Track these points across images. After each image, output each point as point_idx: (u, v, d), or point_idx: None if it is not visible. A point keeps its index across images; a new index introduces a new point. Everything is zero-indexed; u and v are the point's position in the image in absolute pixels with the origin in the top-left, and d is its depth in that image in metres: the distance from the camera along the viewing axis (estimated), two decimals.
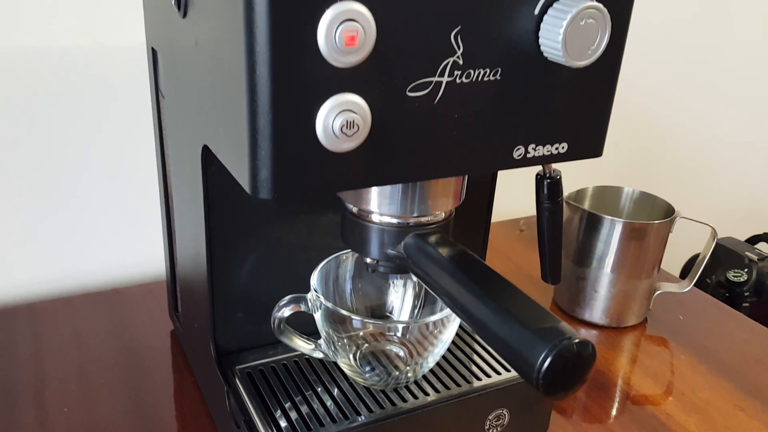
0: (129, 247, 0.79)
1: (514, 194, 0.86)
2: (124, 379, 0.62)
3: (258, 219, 0.52)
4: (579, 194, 0.78)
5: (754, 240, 1.11)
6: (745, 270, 0.99)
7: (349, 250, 0.55)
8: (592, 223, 0.72)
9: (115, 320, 0.71)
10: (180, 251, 0.60)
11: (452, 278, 0.42)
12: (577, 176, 0.79)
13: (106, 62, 0.72)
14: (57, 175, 0.74)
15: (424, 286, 0.45)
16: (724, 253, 1.02)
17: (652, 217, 0.77)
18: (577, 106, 0.43)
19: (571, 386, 0.36)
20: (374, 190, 0.45)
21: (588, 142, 0.45)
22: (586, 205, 0.79)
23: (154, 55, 0.58)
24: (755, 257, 1.00)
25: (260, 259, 0.54)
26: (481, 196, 0.63)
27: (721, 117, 1.21)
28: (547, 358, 0.35)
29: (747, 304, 0.97)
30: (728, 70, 1.17)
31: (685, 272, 1.08)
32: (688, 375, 0.68)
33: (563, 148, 0.44)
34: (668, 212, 0.75)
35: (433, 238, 0.46)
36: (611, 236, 0.72)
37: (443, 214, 0.47)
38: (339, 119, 0.35)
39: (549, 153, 0.44)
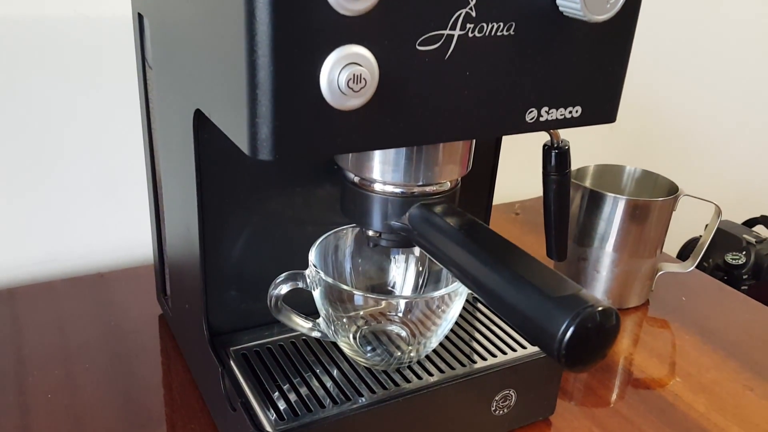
0: (114, 229, 0.76)
1: (509, 178, 0.84)
2: (110, 364, 0.59)
3: (252, 191, 0.50)
4: (579, 173, 0.76)
5: (751, 223, 1.10)
6: (743, 253, 0.98)
7: (349, 225, 0.53)
8: (594, 201, 0.70)
9: (99, 304, 0.68)
10: (169, 228, 0.57)
11: (462, 248, 0.40)
12: (573, 157, 0.77)
13: (88, 33, 0.68)
14: (36, 152, 0.70)
15: (430, 258, 0.43)
16: (722, 236, 1.01)
17: (655, 196, 0.75)
18: (592, 67, 0.41)
19: (595, 357, 0.34)
20: (377, 157, 0.42)
21: (602, 107, 0.43)
22: (588, 184, 0.77)
23: (140, 21, 0.54)
24: (753, 240, 0.99)
25: (255, 233, 0.51)
26: (483, 178, 0.60)
27: (716, 100, 1.20)
28: (570, 327, 0.32)
29: (745, 287, 0.96)
30: (722, 52, 1.16)
31: (682, 255, 1.07)
32: (694, 355, 0.67)
33: (577, 112, 0.42)
34: (671, 191, 0.73)
35: (439, 208, 0.43)
36: (614, 214, 0.70)
37: (449, 183, 0.45)
38: (345, 73, 0.33)
39: (562, 117, 0.42)
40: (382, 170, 0.43)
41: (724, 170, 1.24)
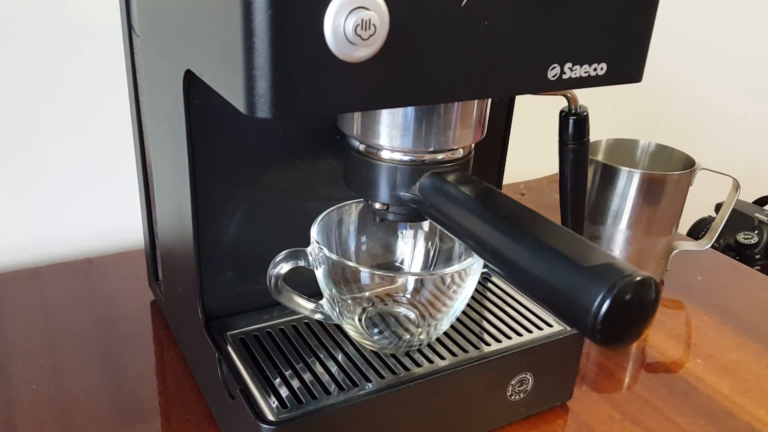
0: (102, 211, 0.73)
1: (514, 158, 0.81)
2: (100, 352, 0.56)
3: (249, 163, 0.46)
4: (591, 147, 0.73)
5: (762, 201, 1.07)
6: (756, 232, 0.95)
7: (352, 200, 0.50)
8: (607, 176, 0.67)
9: (87, 291, 0.64)
10: (160, 207, 0.53)
11: (480, 218, 0.36)
12: None
13: (73, 4, 0.64)
14: (16, 129, 0.66)
15: (444, 231, 0.40)
16: (733, 215, 0.98)
17: (670, 171, 0.71)
18: (618, 21, 0.37)
19: (634, 332, 0.30)
20: (384, 121, 0.39)
21: (628, 65, 0.40)
22: (600, 159, 0.73)
23: None
24: (765, 219, 0.96)
25: (252, 209, 0.48)
26: (492, 155, 0.57)
27: (722, 78, 1.16)
28: (606, 300, 0.29)
29: (758, 267, 0.93)
30: (736, 26, 1.12)
31: (692, 235, 1.04)
32: (714, 336, 0.64)
33: (602, 69, 0.39)
34: (687, 165, 0.70)
35: (452, 177, 0.40)
36: (628, 189, 0.66)
37: (462, 151, 0.42)
38: (352, 18, 0.29)
39: (587, 74, 0.38)
40: (390, 135, 0.39)
41: (732, 149, 1.20)
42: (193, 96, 0.41)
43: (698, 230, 1.02)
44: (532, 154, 0.93)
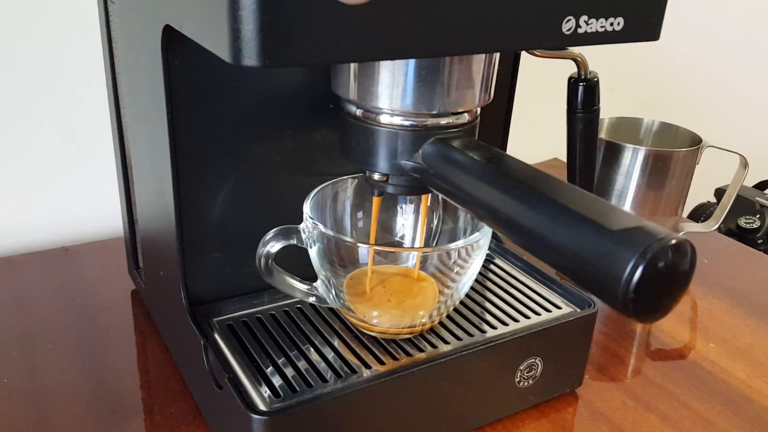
0: (80, 197, 0.68)
1: (514, 142, 0.78)
2: (77, 344, 0.52)
3: (235, 132, 0.42)
4: None
5: (762, 185, 1.05)
6: (757, 216, 0.92)
7: (349, 175, 0.46)
8: (611, 154, 0.64)
9: (64, 280, 0.60)
10: (139, 186, 0.49)
11: (492, 185, 0.33)
12: None
13: None
14: None
15: (450, 202, 0.36)
16: (734, 200, 0.95)
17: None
18: None
19: (669, 303, 0.27)
20: (383, 80, 0.35)
21: (646, 21, 0.37)
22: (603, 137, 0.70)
23: None
24: (767, 203, 0.93)
25: (239, 184, 0.44)
26: (495, 132, 0.54)
27: (721, 59, 1.14)
28: (639, 266, 0.26)
29: (760, 252, 0.90)
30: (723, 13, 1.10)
31: (693, 218, 1.01)
32: (725, 319, 0.61)
33: (619, 24, 0.36)
34: (693, 143, 0.67)
35: (458, 143, 0.36)
36: (633, 168, 0.63)
37: (467, 116, 0.38)
38: None
39: (603, 29, 0.35)
40: (390, 96, 0.36)
41: (731, 133, 1.18)
42: (172, 57, 0.38)
43: (697, 216, 0.99)
44: (532, 138, 0.90)
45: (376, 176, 0.39)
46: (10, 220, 0.66)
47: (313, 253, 0.42)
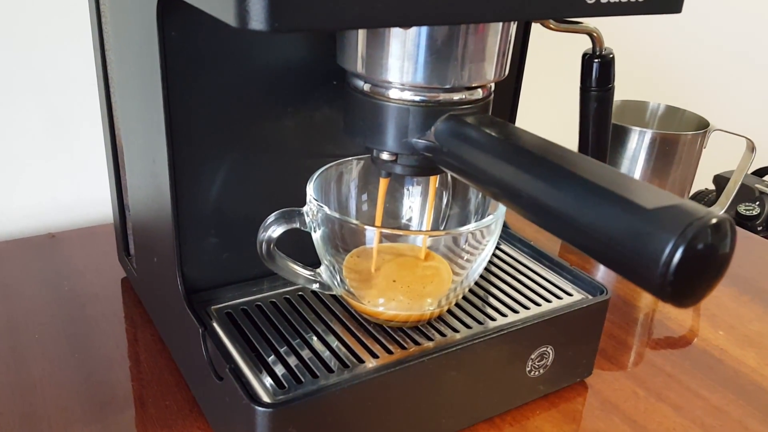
0: (66, 182, 0.66)
1: (521, 123, 0.76)
2: (65, 334, 0.50)
3: (234, 111, 0.40)
4: None
5: (761, 172, 1.04)
6: (757, 203, 0.92)
7: (354, 156, 0.44)
8: (617, 137, 0.62)
9: (51, 268, 0.58)
10: (131, 169, 0.47)
11: (511, 163, 0.31)
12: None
13: None
14: None
15: (464, 181, 0.34)
16: None
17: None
18: None
19: (708, 285, 0.25)
20: (395, 51, 0.33)
21: None
22: None
23: None
24: (766, 189, 0.93)
25: (238, 165, 0.42)
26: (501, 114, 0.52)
27: (719, 42, 1.13)
28: (679, 247, 0.24)
29: (763, 238, 0.89)
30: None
31: None
32: (733, 307, 0.59)
33: None
34: (699, 126, 0.65)
35: (472, 119, 0.34)
36: (639, 151, 0.62)
37: (481, 92, 0.36)
38: None
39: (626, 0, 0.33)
40: (401, 69, 0.34)
41: (732, 118, 1.17)
42: (168, 28, 0.35)
43: (699, 201, 0.98)
44: (539, 128, 0.88)
45: (385, 156, 0.37)
46: None
47: (317, 236, 0.40)
